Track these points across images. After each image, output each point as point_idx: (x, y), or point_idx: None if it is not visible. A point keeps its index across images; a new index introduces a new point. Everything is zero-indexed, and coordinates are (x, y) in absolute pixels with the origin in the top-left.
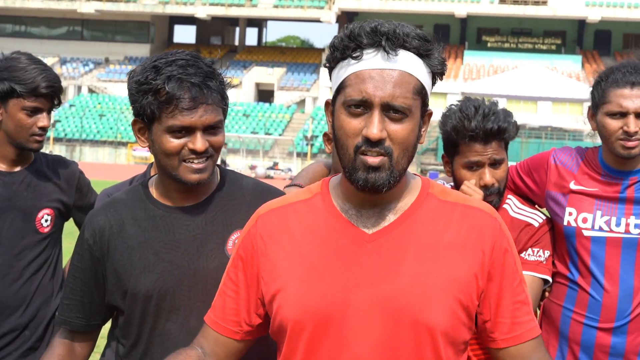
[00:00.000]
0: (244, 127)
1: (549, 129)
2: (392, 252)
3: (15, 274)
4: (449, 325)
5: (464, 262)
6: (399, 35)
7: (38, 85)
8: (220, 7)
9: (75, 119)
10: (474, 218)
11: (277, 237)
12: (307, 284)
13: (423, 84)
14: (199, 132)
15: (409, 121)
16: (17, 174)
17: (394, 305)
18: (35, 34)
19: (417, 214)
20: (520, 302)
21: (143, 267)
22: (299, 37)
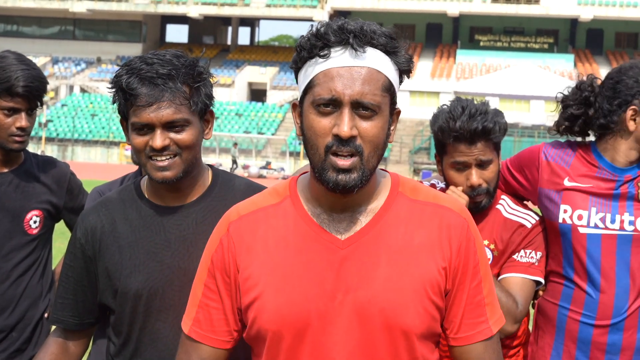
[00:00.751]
0: (236, 127)
1: (541, 127)
2: (365, 257)
3: (2, 275)
4: (424, 326)
5: (434, 262)
6: (366, 32)
7: (13, 85)
8: (212, 7)
9: (67, 119)
10: (443, 217)
11: (250, 244)
12: (284, 293)
13: (391, 81)
14: (158, 129)
15: (379, 118)
16: (5, 175)
17: (370, 311)
18: (27, 34)
19: (388, 215)
20: (475, 304)
21: (133, 266)
22: (292, 37)
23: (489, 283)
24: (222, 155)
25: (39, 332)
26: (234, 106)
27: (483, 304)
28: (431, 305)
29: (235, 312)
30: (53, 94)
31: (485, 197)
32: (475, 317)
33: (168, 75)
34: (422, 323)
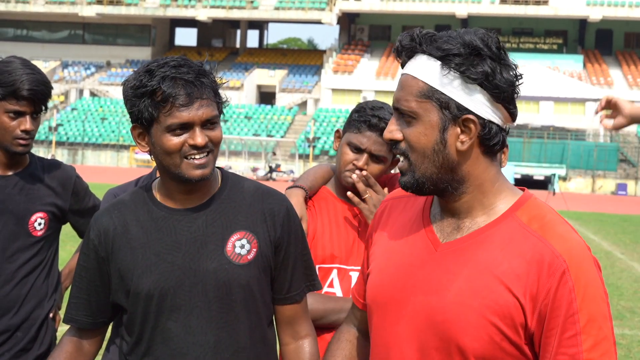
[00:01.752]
0: (245, 129)
1: (551, 128)
2: (451, 265)
3: (7, 276)
4: (483, 351)
5: (511, 294)
6: (416, 40)
7: (18, 88)
8: (221, 10)
9: (77, 123)
10: (538, 253)
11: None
12: (381, 274)
13: (432, 87)
14: (197, 127)
15: (418, 124)
16: (10, 178)
17: (434, 318)
18: (37, 38)
19: (489, 234)
20: (569, 356)
21: (145, 267)
22: (300, 39)
23: (594, 338)
24: (232, 158)
25: (44, 331)
26: (243, 109)
27: (580, 359)
28: (497, 333)
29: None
30: (63, 98)
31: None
32: None
33: (200, 74)
34: (481, 347)
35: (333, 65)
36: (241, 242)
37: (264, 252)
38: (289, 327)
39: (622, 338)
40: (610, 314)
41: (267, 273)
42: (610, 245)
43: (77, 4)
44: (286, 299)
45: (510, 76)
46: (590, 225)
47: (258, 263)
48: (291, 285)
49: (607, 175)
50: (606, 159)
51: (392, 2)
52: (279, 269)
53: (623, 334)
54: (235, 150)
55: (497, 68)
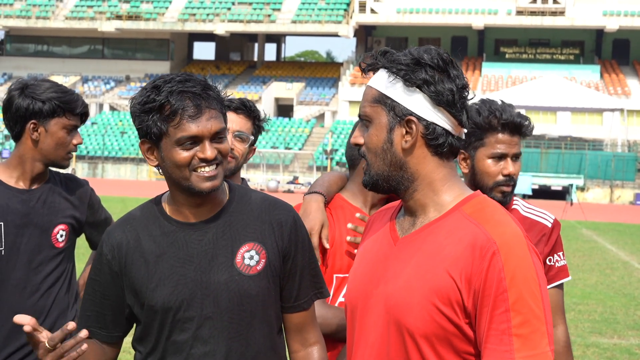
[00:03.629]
0: (263, 142)
1: (568, 139)
2: (404, 256)
3: (33, 287)
4: (428, 330)
5: (449, 275)
6: (375, 56)
7: (78, 104)
8: (239, 24)
9: (97, 137)
10: (475, 237)
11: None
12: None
13: (383, 93)
14: (207, 140)
15: (372, 127)
16: (34, 192)
17: (388, 304)
18: (57, 53)
19: (438, 225)
20: (500, 331)
21: (159, 280)
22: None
23: (524, 315)
24: (250, 171)
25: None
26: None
27: (509, 334)
28: (438, 314)
29: None
30: None
31: (512, 189)
32: (497, 344)
33: (207, 89)
34: (425, 326)
35: (350, 78)
36: (250, 254)
37: (273, 262)
38: (297, 335)
39: (638, 348)
40: (545, 296)
41: (276, 282)
42: (628, 255)
43: (96, 19)
44: (294, 307)
45: (451, 84)
46: (607, 236)
47: (267, 273)
48: (299, 293)
49: (625, 185)
50: (624, 169)
51: (408, 14)
52: (287, 278)
53: (639, 344)
54: (254, 163)
55: (436, 76)
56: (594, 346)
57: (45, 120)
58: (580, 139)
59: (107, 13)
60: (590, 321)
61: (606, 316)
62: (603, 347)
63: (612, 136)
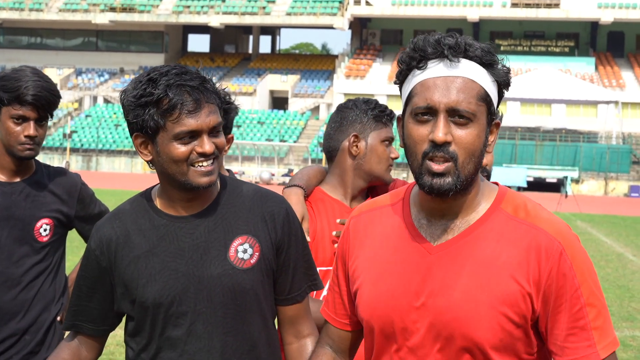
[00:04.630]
0: (258, 135)
1: (563, 131)
2: (450, 266)
3: (14, 280)
4: (497, 341)
5: (516, 282)
6: (461, 44)
7: (22, 93)
8: (233, 16)
9: (91, 129)
10: (534, 239)
11: (362, 239)
12: (376, 287)
13: (487, 91)
14: (205, 134)
15: (474, 126)
16: (16, 185)
17: (445, 318)
18: (51, 46)
19: (481, 229)
20: (579, 328)
21: (149, 275)
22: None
23: (597, 307)
24: (245, 164)
25: (52, 335)
26: (256, 114)
27: (589, 329)
28: (508, 322)
29: (351, 298)
30: (77, 105)
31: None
32: (579, 341)
33: (204, 82)
34: (495, 337)
35: (345, 70)
36: (243, 247)
37: (266, 255)
38: (291, 327)
39: (632, 340)
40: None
41: (269, 275)
42: (623, 248)
43: (90, 11)
44: (288, 299)
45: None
46: (602, 228)
47: (261, 266)
48: (293, 285)
49: (620, 178)
50: (619, 161)
51: (403, 6)
52: (280, 270)
53: (634, 335)
54: (249, 156)
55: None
56: None
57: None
58: (575, 131)
59: (101, 5)
60: None
61: None
62: None
63: (607, 128)
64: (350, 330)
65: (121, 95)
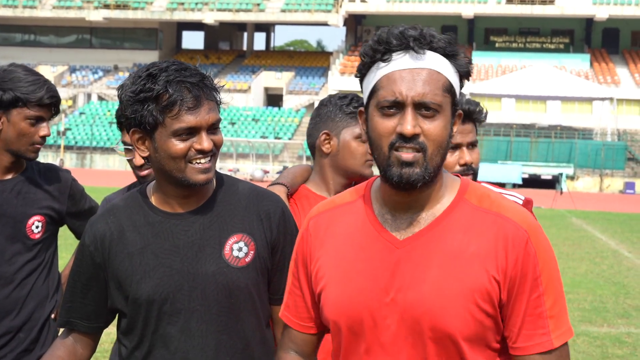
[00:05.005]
0: (253, 132)
1: (558, 128)
2: (419, 259)
3: (7, 278)
4: (470, 331)
5: (485, 271)
6: (426, 36)
7: (43, 95)
8: (227, 13)
9: (85, 127)
10: (501, 228)
11: (323, 239)
12: (342, 286)
13: (451, 83)
14: (204, 131)
15: (441, 118)
16: (7, 182)
17: (417, 311)
18: (45, 43)
19: (448, 220)
20: (536, 316)
21: (143, 272)
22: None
23: (553, 296)
24: (240, 161)
25: (46, 332)
26: (251, 111)
27: (545, 317)
28: (479, 312)
29: (314, 300)
30: (71, 103)
31: (472, 177)
32: (534, 328)
33: (204, 78)
34: (467, 328)
35: (340, 67)
36: (239, 245)
37: (261, 254)
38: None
39: (628, 336)
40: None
41: (264, 274)
42: (618, 244)
43: (84, 8)
44: (282, 299)
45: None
46: (597, 224)
47: (256, 265)
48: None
49: (615, 174)
50: (614, 158)
51: (398, 3)
52: (275, 269)
53: (629, 332)
54: (243, 153)
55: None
56: (584, 335)
57: (7, 111)
58: (570, 128)
59: (95, 2)
60: (580, 310)
61: (596, 305)
62: (593, 335)
63: (602, 125)
64: (314, 333)
65: (119, 90)
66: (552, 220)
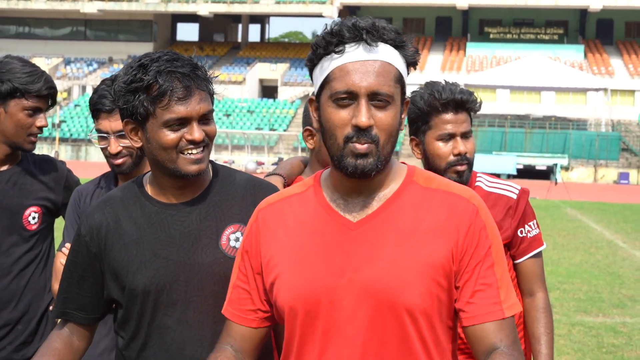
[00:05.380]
0: (248, 124)
1: (552, 118)
2: (374, 238)
3: (4, 270)
4: (427, 305)
5: (440, 245)
6: (378, 28)
7: (41, 86)
8: (222, 4)
9: (80, 119)
10: (453, 204)
11: (274, 229)
12: (298, 271)
13: (401, 73)
14: (195, 122)
15: (392, 108)
16: (3, 173)
17: (374, 288)
18: (39, 35)
19: (398, 201)
20: (487, 285)
21: (140, 263)
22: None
23: (502, 268)
24: (235, 152)
25: (44, 324)
26: (246, 103)
27: (496, 287)
28: (436, 286)
29: (261, 294)
30: (66, 95)
31: (467, 168)
32: (487, 298)
33: (196, 69)
34: (424, 302)
35: None
36: (235, 235)
37: None
38: None
39: (623, 326)
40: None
41: None
42: (612, 234)
43: (78, 0)
44: None
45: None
46: (592, 215)
47: None
48: None
49: (609, 165)
50: (608, 148)
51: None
52: None
53: (624, 322)
54: (238, 145)
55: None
56: (579, 325)
57: (5, 101)
58: (565, 118)
59: None
60: (575, 300)
61: (591, 295)
62: (588, 325)
63: (596, 116)
64: (255, 327)
65: (113, 80)
66: (547, 210)
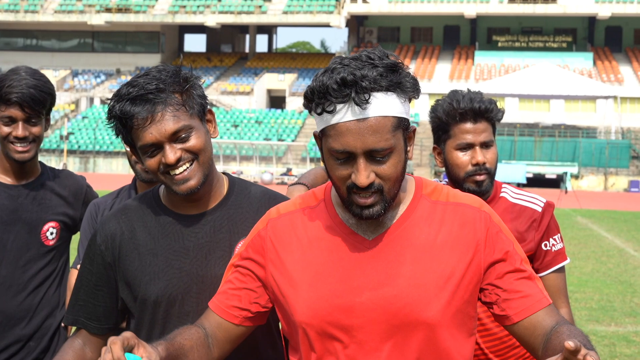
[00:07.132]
0: (256, 134)
1: (562, 127)
2: (391, 256)
3: (20, 285)
4: (448, 319)
5: (457, 257)
6: (366, 79)
7: (4, 93)
8: (229, 15)
9: (88, 131)
10: (464, 214)
11: (286, 241)
12: (314, 289)
13: (400, 117)
14: (167, 144)
15: (394, 156)
16: (22, 187)
17: (395, 306)
18: (47, 47)
19: (412, 216)
20: (525, 278)
21: (153, 273)
22: (310, 43)
23: (528, 263)
24: (243, 163)
25: (57, 341)
26: (254, 113)
27: (533, 278)
28: (456, 299)
29: (252, 296)
30: (74, 107)
31: (487, 178)
32: (530, 289)
33: (157, 89)
34: (445, 315)
35: None
36: None
37: None
38: None
39: (635, 335)
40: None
41: None
42: (624, 243)
43: (86, 12)
44: None
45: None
46: (603, 223)
47: None
48: None
49: (620, 173)
50: (618, 156)
51: (400, 3)
52: None
53: (637, 331)
54: (247, 155)
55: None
56: (591, 334)
57: None
58: (574, 126)
59: (97, 6)
60: (587, 309)
61: (603, 304)
62: (601, 334)
63: (606, 123)
64: (235, 323)
65: None
66: (557, 219)
